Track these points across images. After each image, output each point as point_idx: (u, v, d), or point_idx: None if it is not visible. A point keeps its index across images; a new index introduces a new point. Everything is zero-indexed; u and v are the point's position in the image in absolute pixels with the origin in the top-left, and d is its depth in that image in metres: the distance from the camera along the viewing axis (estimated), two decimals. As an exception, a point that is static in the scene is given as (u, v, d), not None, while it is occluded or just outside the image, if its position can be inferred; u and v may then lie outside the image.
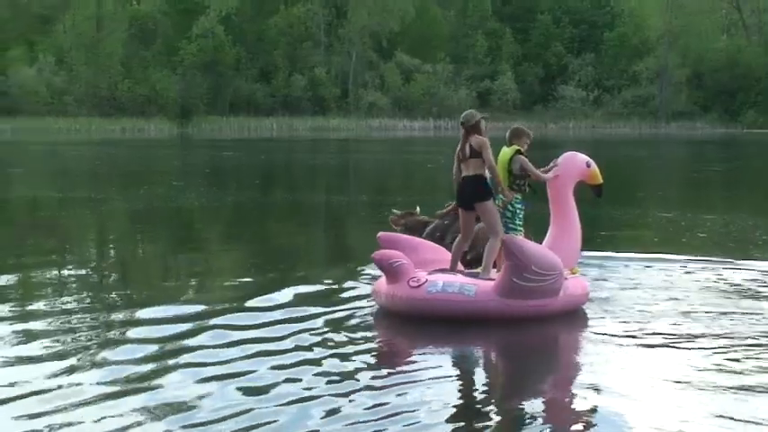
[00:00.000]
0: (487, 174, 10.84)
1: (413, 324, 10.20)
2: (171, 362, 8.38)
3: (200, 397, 7.43)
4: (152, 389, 7.64)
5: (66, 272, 13.67)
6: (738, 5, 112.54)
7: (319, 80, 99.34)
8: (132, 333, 9.50)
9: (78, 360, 8.43)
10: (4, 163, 43.76)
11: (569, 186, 11.41)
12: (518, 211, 11.01)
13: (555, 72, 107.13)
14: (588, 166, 11.48)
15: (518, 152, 11.01)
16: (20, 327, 9.74)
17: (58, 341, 9.13)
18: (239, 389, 7.65)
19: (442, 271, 10.75)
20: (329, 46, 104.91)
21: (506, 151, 11.05)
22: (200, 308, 10.57)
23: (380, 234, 11.71)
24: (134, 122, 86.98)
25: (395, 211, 14.18)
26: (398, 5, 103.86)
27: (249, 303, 10.77)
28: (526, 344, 9.91)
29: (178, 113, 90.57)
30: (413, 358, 9.00)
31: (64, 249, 16.42)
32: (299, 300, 11.07)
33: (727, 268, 13.60)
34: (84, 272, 13.65)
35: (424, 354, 9.21)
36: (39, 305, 10.93)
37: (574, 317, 10.65)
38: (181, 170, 39.36)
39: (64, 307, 10.76)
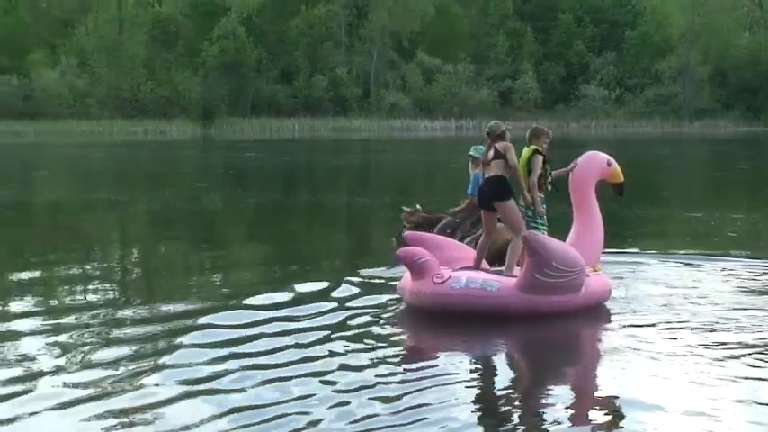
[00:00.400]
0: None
1: (433, 322, 10.37)
2: (235, 363, 8.51)
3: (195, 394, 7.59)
4: (194, 383, 7.82)
5: (83, 272, 13.89)
6: (760, 2, 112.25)
7: (341, 80, 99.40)
8: (141, 329, 9.74)
9: (84, 361, 8.57)
10: (30, 166, 44.09)
11: (591, 185, 11.57)
12: (537, 211, 11.13)
13: (576, 71, 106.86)
14: (609, 164, 11.66)
15: (536, 152, 11.17)
16: (24, 325, 9.96)
17: (55, 340, 9.32)
18: (257, 384, 7.80)
19: (467, 268, 10.89)
20: (350, 46, 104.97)
21: (525, 152, 11.25)
22: (211, 307, 10.78)
23: (407, 233, 12.04)
24: (156, 124, 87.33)
25: (405, 208, 14.37)
26: (419, 5, 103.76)
27: (261, 303, 10.94)
28: (548, 340, 10.08)
29: (200, 115, 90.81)
30: (432, 358, 9.12)
31: (86, 251, 16.62)
32: (318, 298, 11.24)
33: (757, 267, 13.59)
34: (100, 272, 13.90)
35: (443, 353, 9.34)
36: (48, 303, 11.16)
37: (598, 314, 10.77)
38: (204, 172, 39.61)
39: (72, 305, 10.97)
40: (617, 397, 7.81)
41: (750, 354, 8.84)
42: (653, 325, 10.11)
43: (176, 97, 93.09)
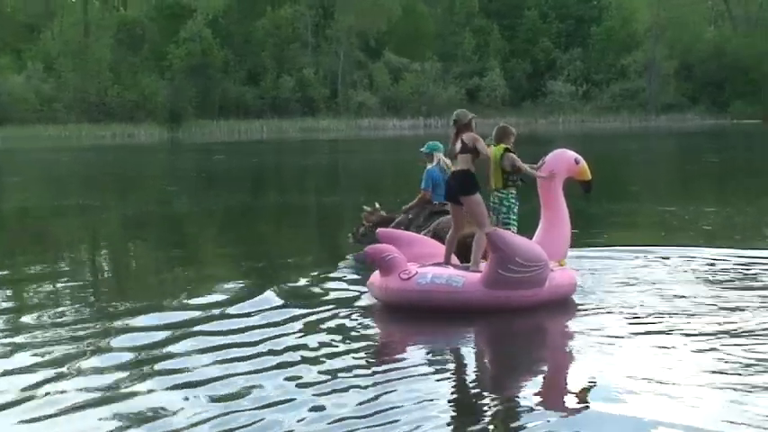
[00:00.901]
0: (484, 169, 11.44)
1: (401, 320, 10.65)
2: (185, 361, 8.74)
3: (183, 399, 7.71)
4: (146, 393, 7.90)
5: (56, 280, 13.94)
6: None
7: (308, 81, 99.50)
8: (119, 341, 9.66)
9: (58, 368, 8.63)
10: (3, 171, 44.06)
11: (558, 182, 11.77)
12: (512, 205, 11.54)
13: (543, 67, 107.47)
14: (577, 162, 11.87)
15: (507, 150, 11.49)
16: (5, 335, 10.01)
17: (38, 349, 9.34)
18: (229, 391, 7.87)
19: (436, 265, 11.15)
20: (317, 47, 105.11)
21: (494, 150, 11.48)
22: (185, 313, 10.79)
23: (379, 230, 12.20)
24: (124, 128, 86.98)
25: (366, 207, 14.68)
26: (385, 5, 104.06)
27: (234, 308, 11.00)
28: (515, 332, 10.31)
29: (167, 118, 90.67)
30: (401, 355, 9.27)
31: (57, 257, 16.69)
32: (289, 300, 11.40)
33: (729, 258, 13.83)
34: (74, 279, 13.93)
35: (413, 348, 9.60)
36: (25, 313, 11.22)
37: (564, 306, 11.02)
38: (174, 175, 39.65)
39: (49, 314, 11.03)
40: (584, 383, 8.12)
41: (712, 339, 9.19)
42: (618, 314, 10.43)
43: (143, 101, 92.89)
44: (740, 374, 8.12)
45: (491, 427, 7.11)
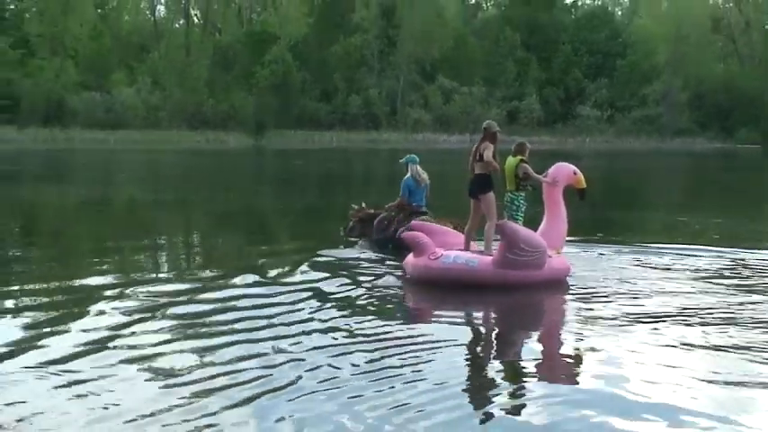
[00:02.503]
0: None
1: (424, 290, 11.47)
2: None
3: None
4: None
5: (151, 253, 14.79)
6: (734, 38, 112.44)
7: (372, 100, 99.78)
8: (177, 305, 10.13)
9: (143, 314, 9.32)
10: (113, 169, 45.05)
11: (560, 189, 12.69)
12: (521, 205, 12.59)
13: (574, 94, 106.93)
14: (575, 173, 12.77)
15: (522, 161, 12.52)
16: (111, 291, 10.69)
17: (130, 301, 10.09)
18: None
19: (459, 250, 12.14)
20: (381, 70, 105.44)
21: (512, 160, 12.57)
22: (247, 289, 11.15)
23: (414, 222, 13.30)
24: (216, 135, 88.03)
25: (354, 205, 15.70)
26: (440, 37, 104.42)
27: (281, 286, 11.40)
28: (516, 307, 11.02)
29: (253, 127, 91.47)
30: (420, 323, 9.79)
31: (155, 238, 17.31)
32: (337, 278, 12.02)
33: (727, 258, 14.13)
34: (166, 252, 14.86)
35: (430, 319, 10.31)
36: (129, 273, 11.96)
37: (559, 286, 11.75)
38: (261, 177, 39.97)
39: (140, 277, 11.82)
40: (576, 350, 8.60)
41: (682, 321, 9.60)
42: (603, 295, 11.04)
43: (233, 112, 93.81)
44: (726, 351, 8.35)
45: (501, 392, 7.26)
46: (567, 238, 13.00)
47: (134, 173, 41.57)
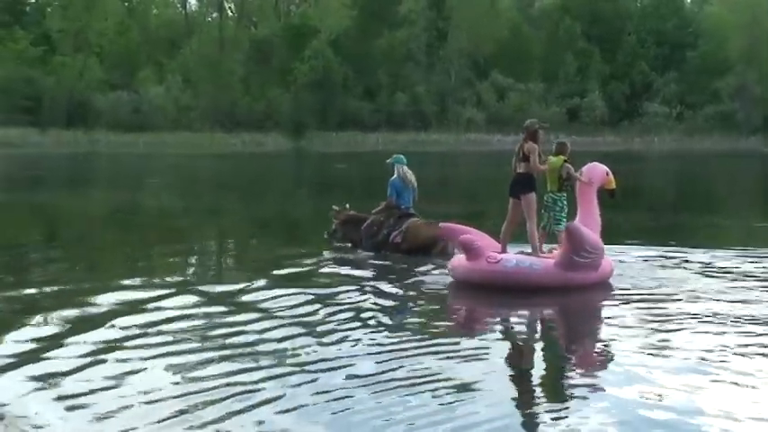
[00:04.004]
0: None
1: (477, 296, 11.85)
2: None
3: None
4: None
5: (178, 265, 14.87)
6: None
7: (420, 97, 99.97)
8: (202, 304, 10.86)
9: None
10: (142, 173, 45.46)
11: (594, 189, 13.15)
12: (565, 206, 13.08)
13: (640, 90, 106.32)
14: (608, 174, 13.30)
15: (565, 161, 13.02)
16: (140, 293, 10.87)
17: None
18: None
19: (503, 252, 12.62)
20: (430, 66, 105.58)
21: (555, 160, 13.03)
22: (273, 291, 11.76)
23: (443, 224, 13.52)
24: (252, 137, 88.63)
25: (335, 207, 16.01)
26: (494, 28, 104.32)
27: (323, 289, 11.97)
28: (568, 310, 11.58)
29: (292, 128, 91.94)
30: (472, 327, 10.32)
31: (186, 250, 17.40)
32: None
33: None
34: (193, 262, 14.86)
35: (474, 324, 10.72)
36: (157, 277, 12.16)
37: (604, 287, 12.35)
38: (301, 182, 40.12)
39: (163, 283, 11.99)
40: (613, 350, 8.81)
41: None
42: (647, 296, 11.46)
43: (270, 112, 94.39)
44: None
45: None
46: (630, 243, 13.87)
47: (164, 178, 41.89)
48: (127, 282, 12.59)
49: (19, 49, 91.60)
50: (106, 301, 11.13)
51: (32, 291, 11.93)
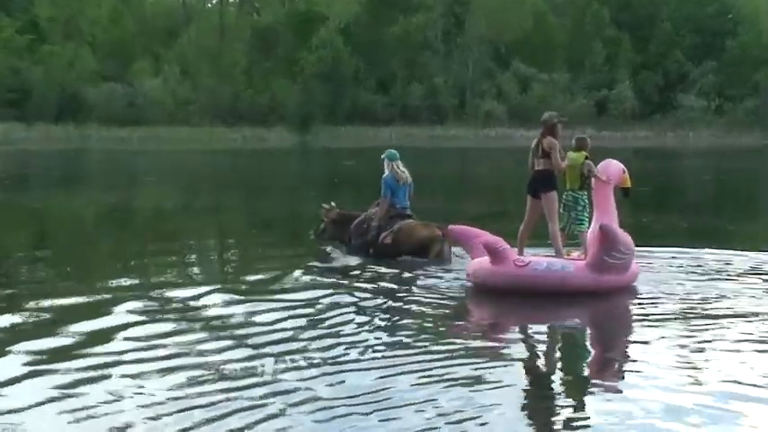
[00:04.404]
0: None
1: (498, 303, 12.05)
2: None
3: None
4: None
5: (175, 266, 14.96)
6: None
7: (437, 89, 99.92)
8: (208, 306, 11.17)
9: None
10: (137, 171, 45.59)
11: (610, 187, 13.29)
12: (587, 205, 13.09)
13: (675, 80, 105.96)
14: (624, 172, 13.45)
15: (586, 157, 13.08)
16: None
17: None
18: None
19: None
20: (447, 55, 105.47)
21: (576, 156, 13.07)
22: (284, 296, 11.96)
23: (451, 226, 13.70)
24: (255, 131, 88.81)
25: (324, 205, 16.10)
26: (516, 15, 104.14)
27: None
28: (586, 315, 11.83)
29: (298, 123, 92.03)
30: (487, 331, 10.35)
31: (182, 251, 17.52)
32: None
33: None
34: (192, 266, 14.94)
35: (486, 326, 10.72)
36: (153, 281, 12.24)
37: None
38: (305, 180, 40.17)
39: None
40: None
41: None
42: (677, 304, 11.55)
43: (274, 105, 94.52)
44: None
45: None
46: (661, 245, 14.24)
47: (160, 176, 42.02)
48: (121, 291, 12.65)
49: (4, 37, 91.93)
50: (98, 311, 11.20)
51: (20, 300, 11.96)
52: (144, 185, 36.72)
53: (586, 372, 9.13)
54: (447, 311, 11.43)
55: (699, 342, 9.73)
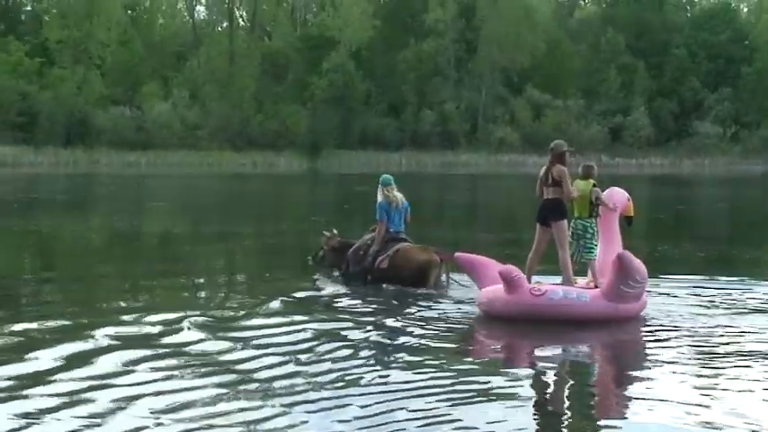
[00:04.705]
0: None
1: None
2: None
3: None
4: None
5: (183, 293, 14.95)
6: None
7: (449, 115, 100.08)
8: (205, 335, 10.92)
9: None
10: (144, 197, 45.64)
11: (616, 215, 13.57)
12: (596, 233, 13.21)
13: (690, 107, 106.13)
14: (628, 200, 13.76)
15: (594, 185, 13.20)
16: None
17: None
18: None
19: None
20: (459, 81, 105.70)
21: (585, 184, 13.20)
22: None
23: (458, 254, 13.74)
24: (265, 156, 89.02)
25: (325, 233, 16.35)
26: (529, 41, 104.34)
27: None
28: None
29: (308, 148, 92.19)
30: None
31: (190, 280, 17.54)
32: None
33: None
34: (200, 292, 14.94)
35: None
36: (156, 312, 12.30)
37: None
38: (315, 206, 40.18)
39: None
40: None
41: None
42: (692, 334, 11.61)
43: (285, 130, 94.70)
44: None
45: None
46: (676, 274, 14.51)
47: (169, 201, 42.06)
48: (124, 315, 12.70)
49: (13, 60, 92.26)
50: (102, 334, 11.29)
51: (20, 325, 11.96)
52: (151, 211, 36.72)
53: (593, 408, 9.05)
54: (455, 345, 11.39)
55: (710, 377, 9.64)
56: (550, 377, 10.21)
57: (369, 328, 11.92)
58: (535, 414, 8.44)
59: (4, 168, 72.44)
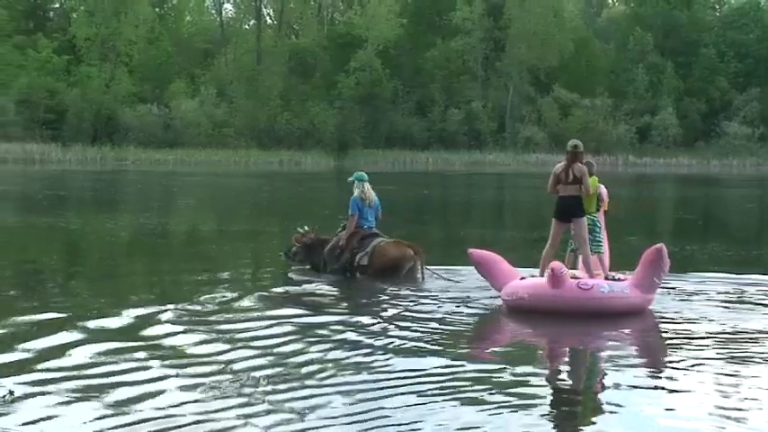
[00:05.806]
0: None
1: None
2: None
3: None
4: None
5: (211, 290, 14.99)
6: None
7: (476, 114, 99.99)
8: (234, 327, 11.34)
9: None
10: (174, 194, 45.76)
11: (603, 209, 14.30)
12: (602, 227, 13.95)
13: (718, 107, 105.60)
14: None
15: (597, 181, 13.78)
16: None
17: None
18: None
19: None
20: (486, 80, 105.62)
21: (592, 180, 13.66)
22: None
23: (471, 251, 13.91)
24: (291, 155, 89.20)
25: (299, 229, 16.68)
26: (557, 40, 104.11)
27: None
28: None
29: (335, 147, 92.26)
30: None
31: (217, 277, 17.50)
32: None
33: None
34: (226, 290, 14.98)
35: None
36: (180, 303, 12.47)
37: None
38: (341, 205, 40.08)
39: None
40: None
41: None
42: (718, 334, 11.57)
43: (312, 128, 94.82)
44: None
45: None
46: (701, 274, 15.40)
47: (196, 200, 42.16)
48: (140, 310, 12.75)
49: (41, 58, 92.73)
50: (120, 330, 11.45)
51: (45, 316, 12.11)
52: (180, 209, 36.83)
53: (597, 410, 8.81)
54: (440, 338, 11.28)
55: (735, 377, 9.53)
56: (555, 375, 10.22)
57: (350, 322, 12.04)
58: (542, 415, 8.31)
59: (31, 165, 72.79)
